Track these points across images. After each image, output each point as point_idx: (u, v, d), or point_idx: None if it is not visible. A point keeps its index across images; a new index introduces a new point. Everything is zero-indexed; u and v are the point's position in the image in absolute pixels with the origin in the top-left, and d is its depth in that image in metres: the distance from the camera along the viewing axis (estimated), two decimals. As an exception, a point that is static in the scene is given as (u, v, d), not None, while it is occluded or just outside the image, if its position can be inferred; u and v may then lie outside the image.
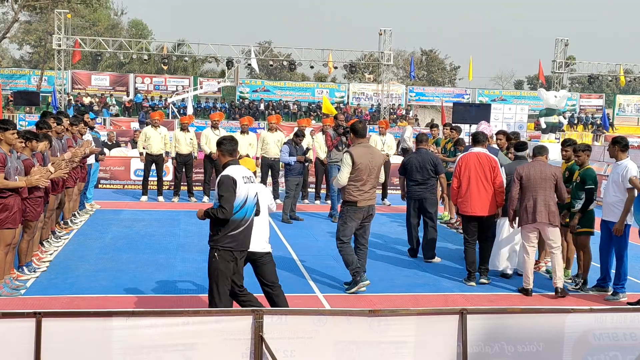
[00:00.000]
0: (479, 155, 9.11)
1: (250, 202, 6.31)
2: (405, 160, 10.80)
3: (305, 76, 59.44)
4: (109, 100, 41.63)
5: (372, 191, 8.23)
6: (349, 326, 5.15)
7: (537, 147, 8.93)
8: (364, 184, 8.11)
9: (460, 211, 9.27)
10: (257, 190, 6.50)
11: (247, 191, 6.23)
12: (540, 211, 8.32)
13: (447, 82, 66.66)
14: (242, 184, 6.17)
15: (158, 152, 14.63)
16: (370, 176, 8.15)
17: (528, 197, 8.41)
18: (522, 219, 8.53)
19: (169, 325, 4.92)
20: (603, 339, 5.53)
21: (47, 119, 9.91)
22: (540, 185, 8.36)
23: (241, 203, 6.17)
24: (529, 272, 8.57)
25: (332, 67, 40.93)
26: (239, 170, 6.27)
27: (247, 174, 6.34)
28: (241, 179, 6.19)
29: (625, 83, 49.71)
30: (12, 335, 4.69)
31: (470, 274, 9.07)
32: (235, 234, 6.18)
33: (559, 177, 8.50)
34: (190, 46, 42.42)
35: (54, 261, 9.26)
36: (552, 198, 8.41)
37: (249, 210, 6.30)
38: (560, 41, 41.04)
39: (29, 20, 53.97)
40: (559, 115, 31.13)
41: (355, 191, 8.09)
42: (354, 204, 8.12)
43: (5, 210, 7.44)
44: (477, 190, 8.94)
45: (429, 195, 10.40)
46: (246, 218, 6.26)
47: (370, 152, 8.30)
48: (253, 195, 6.35)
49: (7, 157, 7.43)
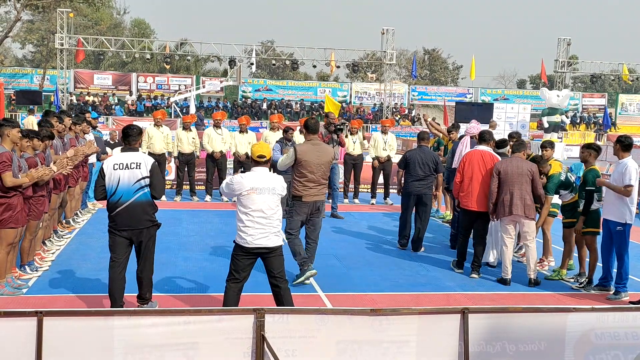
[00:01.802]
0: (483, 154, 9.43)
1: (125, 187, 6.77)
2: (407, 154, 11.01)
3: (307, 75, 59.39)
4: (111, 100, 41.69)
5: (318, 187, 8.40)
6: (350, 325, 5.15)
7: (515, 144, 9.42)
8: (308, 180, 8.30)
9: (461, 205, 9.57)
10: (142, 175, 6.85)
11: (118, 177, 6.78)
12: (516, 204, 8.78)
13: (450, 82, 66.56)
14: (111, 172, 6.79)
15: (160, 152, 14.64)
16: (316, 173, 8.33)
17: (505, 191, 8.86)
18: (500, 211, 8.97)
19: (170, 324, 4.92)
20: (605, 338, 5.52)
21: (50, 118, 9.92)
22: (517, 180, 8.81)
23: (112, 188, 6.80)
24: (507, 262, 8.97)
25: (334, 66, 40.92)
26: (115, 158, 6.92)
27: (126, 160, 6.83)
28: (111, 167, 6.81)
29: (630, 82, 49.61)
30: (13, 334, 4.70)
31: (460, 262, 9.58)
32: (112, 216, 6.88)
33: (535, 172, 8.90)
34: (192, 45, 42.43)
35: (56, 260, 9.27)
36: (528, 192, 8.84)
37: (125, 193, 6.78)
38: (562, 40, 41.01)
39: (32, 19, 54.03)
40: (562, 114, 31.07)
41: (300, 186, 8.31)
42: (299, 199, 8.34)
43: (9, 209, 7.45)
44: (478, 186, 9.28)
45: (427, 191, 10.82)
46: (121, 201, 6.80)
47: (318, 149, 8.43)
48: (130, 181, 6.79)
49: (12, 155, 7.47)
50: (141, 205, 6.89)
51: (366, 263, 9.92)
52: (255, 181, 6.50)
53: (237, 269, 6.61)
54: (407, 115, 45.46)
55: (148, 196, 6.93)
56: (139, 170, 6.85)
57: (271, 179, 6.62)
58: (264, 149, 6.70)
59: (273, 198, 6.56)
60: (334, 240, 11.47)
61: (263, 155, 6.64)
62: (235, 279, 6.62)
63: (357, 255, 10.42)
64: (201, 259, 9.60)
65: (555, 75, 41.65)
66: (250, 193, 6.46)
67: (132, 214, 6.84)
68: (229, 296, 6.63)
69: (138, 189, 6.85)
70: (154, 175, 6.92)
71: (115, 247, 6.98)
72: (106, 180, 6.83)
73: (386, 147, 15.15)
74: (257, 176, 6.56)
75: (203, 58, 52.41)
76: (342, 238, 11.68)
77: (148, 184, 6.89)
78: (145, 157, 7.02)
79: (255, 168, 6.67)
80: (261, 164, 6.66)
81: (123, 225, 6.88)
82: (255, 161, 6.68)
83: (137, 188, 6.84)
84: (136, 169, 6.85)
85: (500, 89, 56.45)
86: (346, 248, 10.87)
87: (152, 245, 7.14)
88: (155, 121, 14.88)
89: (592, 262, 8.91)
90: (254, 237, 6.46)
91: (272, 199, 6.55)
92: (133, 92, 44.01)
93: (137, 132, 7.06)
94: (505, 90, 55.06)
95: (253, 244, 6.48)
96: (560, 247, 11.05)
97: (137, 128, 7.11)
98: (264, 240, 6.49)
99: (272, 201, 6.55)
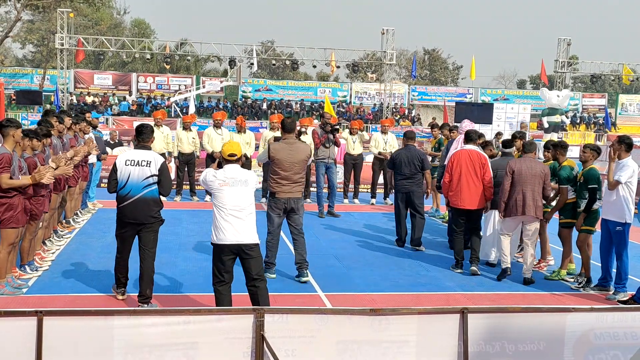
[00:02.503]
0: (470, 153, 9.68)
1: (134, 182, 7.21)
2: (394, 155, 11.48)
3: (307, 75, 59.40)
4: (111, 99, 41.70)
5: (291, 185, 8.60)
6: (350, 325, 5.16)
7: (526, 144, 9.43)
8: (281, 178, 8.55)
9: (451, 204, 9.80)
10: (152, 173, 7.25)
11: (129, 172, 7.20)
12: (529, 205, 8.85)
13: (450, 82, 66.55)
14: (123, 167, 7.25)
15: (160, 152, 14.62)
16: (289, 171, 8.54)
17: (518, 190, 8.89)
18: (512, 211, 8.99)
19: (170, 324, 4.93)
20: (604, 338, 5.52)
21: (50, 118, 9.92)
22: (530, 180, 8.86)
23: (122, 182, 7.24)
24: (506, 252, 9.12)
25: (334, 66, 40.93)
26: (128, 154, 7.38)
27: (137, 158, 7.27)
28: (123, 162, 7.25)
29: (629, 82, 49.60)
30: (13, 334, 4.70)
31: (458, 262, 9.67)
32: (121, 207, 7.31)
33: (547, 174, 8.99)
34: (192, 45, 42.45)
35: (56, 260, 9.28)
36: (539, 193, 8.94)
37: (134, 188, 7.21)
38: (562, 41, 41.02)
39: (32, 19, 54.04)
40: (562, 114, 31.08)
41: (274, 183, 8.60)
42: (273, 195, 8.64)
43: (10, 209, 7.47)
44: (467, 185, 9.52)
45: (416, 188, 11.02)
46: (130, 195, 7.21)
47: (291, 148, 8.64)
48: (139, 177, 7.22)
49: (12, 156, 7.47)
50: (148, 201, 7.26)
51: (366, 263, 9.93)
52: (228, 175, 6.64)
53: (219, 271, 6.64)
54: (407, 115, 45.46)
55: (155, 193, 7.32)
56: (148, 168, 7.25)
57: (244, 173, 6.75)
58: (235, 148, 6.76)
59: (246, 190, 6.66)
60: (333, 240, 11.49)
61: (234, 154, 6.72)
62: (221, 281, 6.67)
63: (357, 255, 10.43)
64: (201, 259, 9.61)
65: (556, 76, 41.66)
66: (222, 186, 6.59)
67: (139, 208, 7.25)
68: (221, 299, 6.68)
69: (146, 185, 7.24)
70: (162, 174, 7.29)
71: (121, 235, 7.51)
72: (118, 174, 7.27)
73: (387, 147, 15.16)
74: (230, 171, 6.68)
75: (203, 58, 52.44)
76: (342, 238, 11.70)
77: (156, 181, 7.27)
78: (155, 156, 7.39)
79: (227, 166, 6.74)
80: (232, 162, 6.74)
81: (129, 217, 7.31)
82: (226, 160, 6.75)
83: (145, 185, 7.24)
84: (146, 166, 7.25)
85: (500, 89, 56.45)
86: (346, 248, 10.88)
87: (153, 239, 7.40)
88: (155, 121, 14.88)
89: (585, 260, 8.93)
90: (230, 233, 6.52)
91: (245, 191, 6.65)
92: (133, 92, 44.01)
93: (150, 130, 7.56)
94: (505, 91, 55.07)
95: (228, 241, 6.53)
96: (558, 247, 11.08)
97: (150, 127, 7.59)
98: (239, 236, 6.54)
99: (245, 194, 6.65)
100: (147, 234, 7.33)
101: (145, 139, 7.47)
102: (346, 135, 15.64)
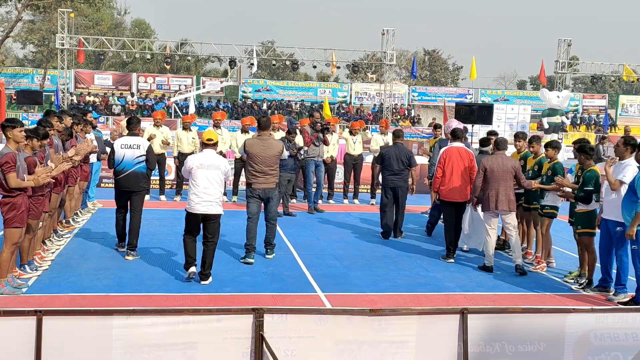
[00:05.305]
0: (459, 150, 10.36)
1: (128, 160, 9.53)
2: (383, 151, 12.07)
3: (307, 76, 59.39)
4: (111, 100, 41.70)
5: (264, 177, 9.61)
6: (349, 326, 5.16)
7: (497, 141, 9.97)
8: (255, 170, 9.59)
9: (442, 197, 10.40)
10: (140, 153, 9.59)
11: (123, 153, 9.54)
12: (502, 200, 9.48)
13: (450, 82, 66.56)
14: (119, 149, 9.57)
15: (160, 152, 14.63)
16: (261, 165, 9.56)
17: (491, 187, 9.52)
18: (485, 205, 9.65)
19: (169, 323, 4.93)
20: (604, 339, 5.52)
21: (50, 118, 9.91)
22: (502, 177, 9.46)
23: (119, 160, 9.55)
24: (490, 251, 9.62)
25: (334, 66, 40.92)
26: (123, 140, 9.76)
27: (129, 142, 9.65)
28: (119, 146, 9.60)
29: (629, 82, 49.60)
30: (13, 334, 4.71)
31: (450, 252, 10.28)
32: (117, 179, 9.64)
33: (517, 168, 9.57)
34: (193, 45, 42.43)
35: (55, 260, 9.27)
36: (511, 188, 9.55)
37: (127, 165, 9.52)
38: (563, 41, 41.01)
39: (33, 19, 54.07)
40: (562, 115, 31.07)
41: (250, 175, 9.67)
42: (250, 186, 9.69)
43: (14, 209, 7.48)
44: (457, 179, 10.22)
45: (402, 184, 11.73)
46: (124, 170, 9.53)
47: (263, 144, 9.64)
48: (131, 157, 9.55)
49: (17, 156, 7.48)
50: (137, 175, 9.62)
51: (365, 263, 9.92)
52: (203, 159, 8.38)
53: (189, 228, 8.49)
54: (407, 116, 45.47)
55: (143, 169, 9.68)
56: (138, 150, 9.63)
57: (216, 159, 8.46)
58: (212, 135, 8.60)
59: (216, 172, 8.35)
60: (333, 240, 11.48)
61: (211, 139, 8.54)
62: (189, 234, 8.50)
63: (356, 255, 10.42)
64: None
65: (556, 76, 41.64)
66: (199, 168, 8.29)
67: (130, 179, 9.59)
68: (187, 244, 8.47)
69: (137, 162, 9.60)
70: (149, 153, 9.72)
71: (118, 199, 9.80)
72: (115, 155, 9.61)
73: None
74: (205, 156, 8.44)
75: (203, 58, 52.38)
76: (341, 238, 11.69)
77: (144, 160, 9.62)
78: (143, 141, 9.79)
79: (204, 150, 8.50)
80: (209, 146, 8.51)
81: (123, 186, 9.64)
82: (204, 144, 8.55)
83: (136, 162, 9.60)
84: (136, 149, 9.63)
85: (501, 90, 56.45)
86: (345, 248, 10.87)
87: (141, 202, 9.75)
88: (155, 121, 14.88)
89: (590, 262, 8.90)
90: (197, 204, 8.29)
91: (215, 173, 8.34)
92: (133, 92, 44.00)
93: (136, 121, 10.10)
94: (505, 91, 55.07)
95: (196, 210, 8.32)
96: (559, 248, 11.07)
97: (137, 118, 10.26)
98: (204, 207, 8.31)
99: (216, 175, 8.34)
100: (137, 199, 9.67)
101: (133, 128, 9.90)
102: (346, 135, 15.66)
